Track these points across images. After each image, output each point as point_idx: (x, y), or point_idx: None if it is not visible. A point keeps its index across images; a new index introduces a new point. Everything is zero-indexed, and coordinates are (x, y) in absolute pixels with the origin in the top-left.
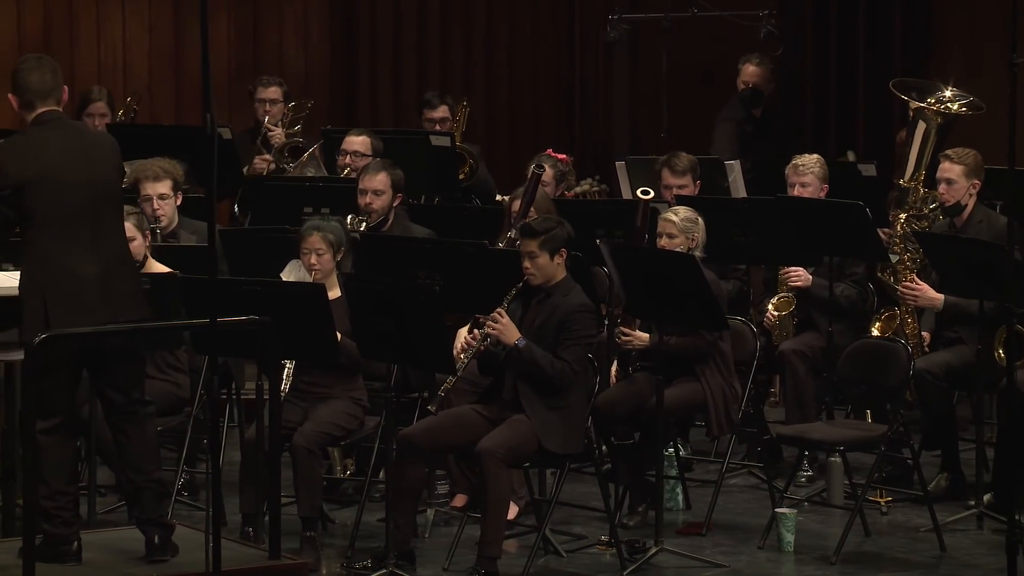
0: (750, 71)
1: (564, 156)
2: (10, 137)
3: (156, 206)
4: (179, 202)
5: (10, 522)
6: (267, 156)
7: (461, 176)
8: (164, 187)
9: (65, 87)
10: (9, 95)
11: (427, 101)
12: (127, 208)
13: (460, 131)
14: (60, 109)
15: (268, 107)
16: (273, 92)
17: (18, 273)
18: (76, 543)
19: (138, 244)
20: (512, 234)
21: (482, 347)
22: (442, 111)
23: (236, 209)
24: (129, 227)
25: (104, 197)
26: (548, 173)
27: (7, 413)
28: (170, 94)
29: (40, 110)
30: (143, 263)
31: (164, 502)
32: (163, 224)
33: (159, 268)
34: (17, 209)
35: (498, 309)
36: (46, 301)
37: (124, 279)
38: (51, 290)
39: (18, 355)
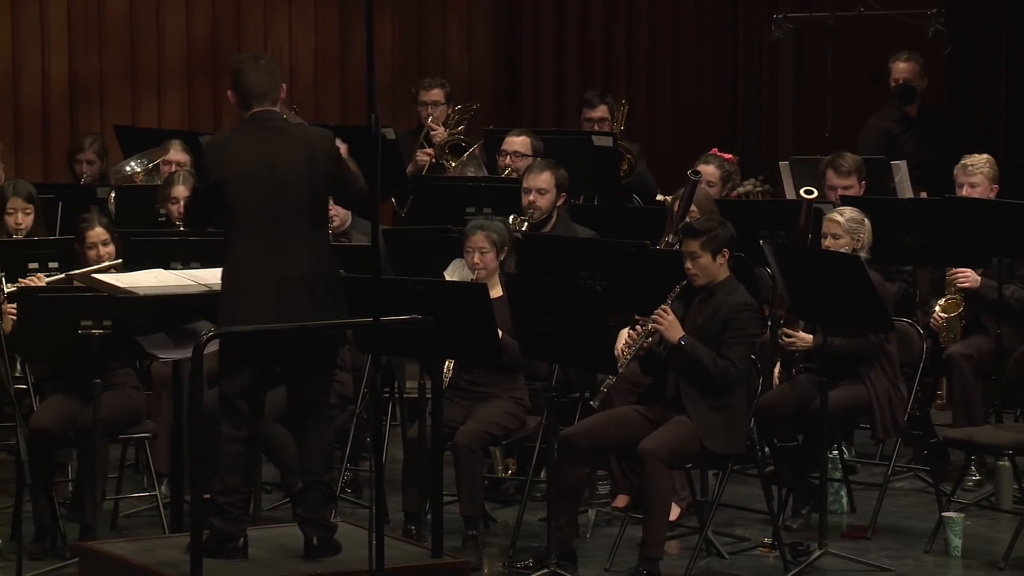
0: (900, 67)
1: (730, 156)
2: (218, 134)
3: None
4: None
5: (178, 517)
6: (428, 150)
7: (620, 173)
8: None
9: (284, 85)
10: (228, 91)
11: (587, 101)
12: None
13: (619, 130)
14: (276, 109)
15: (430, 109)
16: (435, 94)
17: (182, 272)
18: (242, 540)
19: None
20: (670, 239)
21: (645, 344)
22: (601, 111)
23: (394, 202)
24: None
25: (301, 202)
26: (714, 173)
27: (176, 411)
28: (335, 94)
29: (255, 109)
30: None
31: (329, 505)
32: (335, 224)
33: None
34: (217, 206)
35: (662, 306)
36: (238, 300)
37: (315, 285)
38: (242, 289)
39: (186, 354)
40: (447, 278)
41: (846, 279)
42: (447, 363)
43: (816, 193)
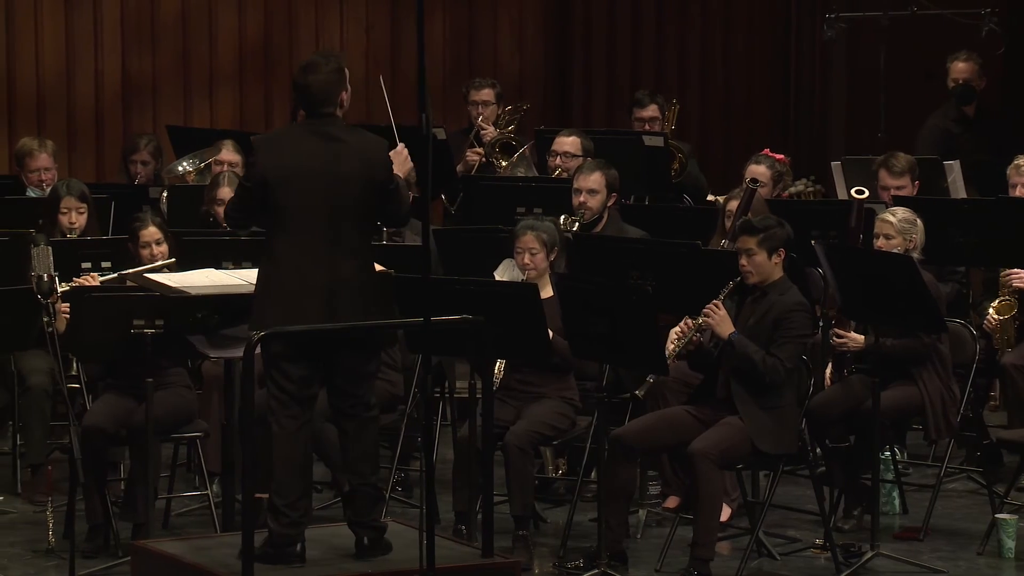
0: (959, 68)
1: (782, 156)
2: (274, 131)
3: None
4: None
5: (229, 516)
6: (479, 149)
7: (671, 172)
8: None
9: (346, 90)
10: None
11: (637, 100)
12: None
13: (670, 130)
14: (336, 112)
15: (481, 109)
16: (486, 94)
17: (233, 272)
18: (300, 544)
19: None
20: (724, 244)
21: (695, 338)
22: (652, 110)
23: (444, 199)
24: None
25: (344, 207)
26: (766, 174)
27: (227, 410)
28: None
29: (312, 112)
30: None
31: (378, 506)
32: None
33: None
34: (262, 205)
35: (714, 301)
36: (272, 302)
37: (355, 292)
38: (277, 291)
39: (238, 353)
40: (497, 278)
41: (898, 280)
42: (498, 363)
43: (867, 193)
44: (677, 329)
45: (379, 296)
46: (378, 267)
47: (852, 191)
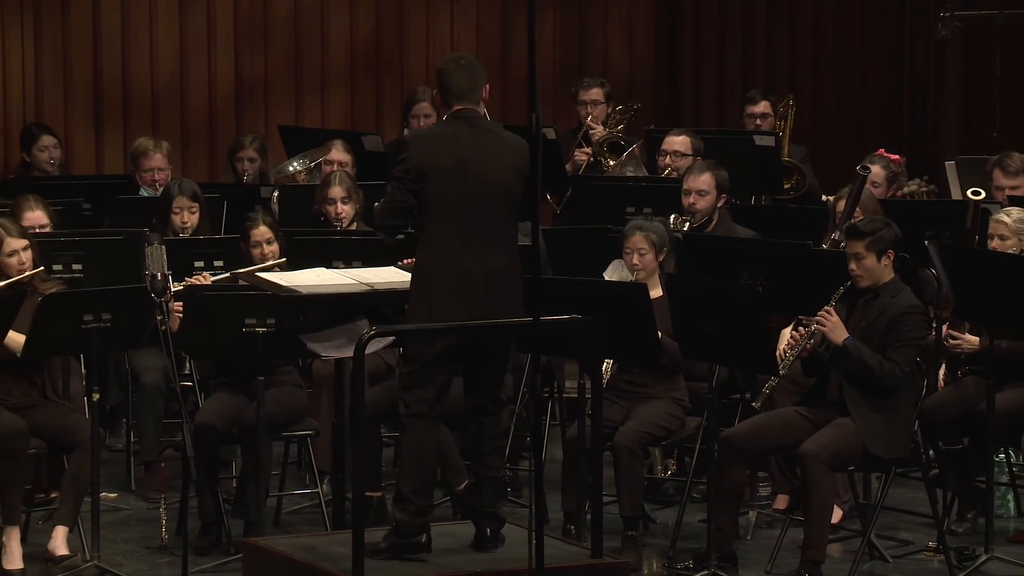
0: None
1: (897, 157)
2: (423, 128)
3: None
4: None
5: (340, 515)
6: (587, 149)
7: (788, 185)
8: None
9: (487, 86)
10: (434, 91)
11: (749, 97)
12: None
13: (788, 129)
14: (477, 108)
15: (590, 108)
16: (595, 94)
17: (344, 272)
18: (426, 536)
19: None
20: (836, 236)
21: (808, 345)
22: (763, 106)
23: (550, 198)
24: None
25: (499, 197)
26: (880, 174)
27: (337, 409)
28: (496, 94)
29: (456, 107)
30: None
31: (502, 498)
32: None
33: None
34: (417, 196)
35: (826, 307)
36: (432, 292)
37: (509, 282)
38: (437, 281)
39: (348, 352)
40: (607, 278)
41: (1014, 280)
42: (606, 363)
43: (984, 194)
44: (788, 337)
45: (521, 290)
46: None
47: (969, 192)
